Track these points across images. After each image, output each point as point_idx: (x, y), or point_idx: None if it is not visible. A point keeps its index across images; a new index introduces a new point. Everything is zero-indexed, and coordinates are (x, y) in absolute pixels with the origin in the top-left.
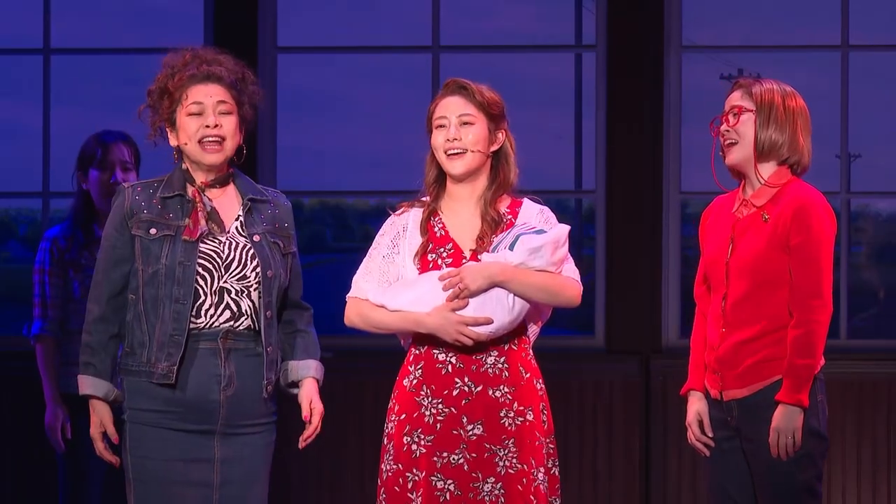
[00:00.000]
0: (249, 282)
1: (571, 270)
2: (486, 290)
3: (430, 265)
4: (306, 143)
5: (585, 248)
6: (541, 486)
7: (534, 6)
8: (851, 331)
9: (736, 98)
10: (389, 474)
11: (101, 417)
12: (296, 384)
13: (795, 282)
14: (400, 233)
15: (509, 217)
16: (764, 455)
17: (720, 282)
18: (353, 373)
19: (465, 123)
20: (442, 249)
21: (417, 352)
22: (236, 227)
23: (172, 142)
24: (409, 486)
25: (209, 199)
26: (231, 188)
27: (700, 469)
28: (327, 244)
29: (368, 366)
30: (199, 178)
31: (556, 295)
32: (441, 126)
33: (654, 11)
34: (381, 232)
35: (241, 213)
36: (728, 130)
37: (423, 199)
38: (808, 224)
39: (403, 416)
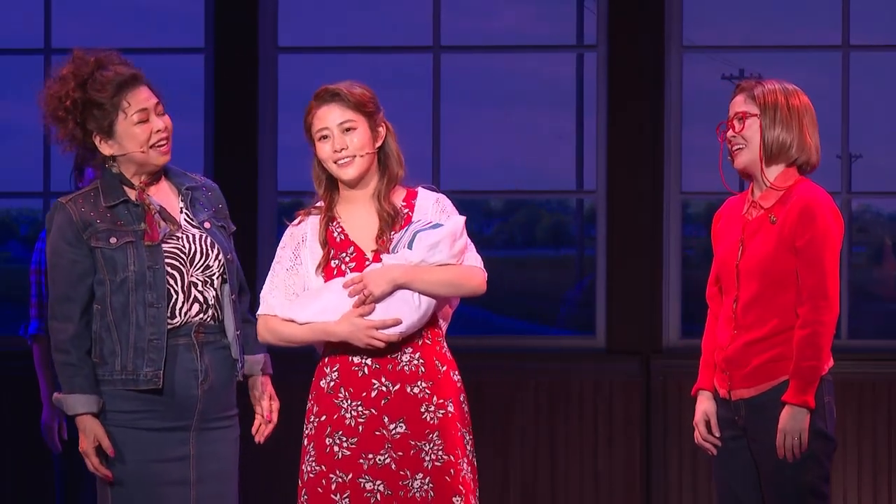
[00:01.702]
0: (212, 271)
1: (473, 258)
2: (390, 293)
3: (335, 272)
4: (307, 143)
5: (587, 248)
6: (466, 476)
7: (535, 6)
8: (852, 331)
9: (739, 103)
10: (311, 475)
11: (94, 433)
12: (245, 377)
13: (801, 282)
14: (300, 243)
15: (406, 211)
16: (770, 455)
17: (731, 284)
18: None
19: (348, 130)
20: (344, 254)
21: (332, 354)
22: (184, 219)
23: (107, 151)
24: (333, 487)
25: (154, 199)
26: (163, 182)
27: (701, 469)
28: None
29: None
30: (137, 179)
31: (460, 286)
32: (324, 137)
33: (655, 11)
34: (281, 244)
35: (182, 204)
36: (734, 136)
37: (319, 204)
38: (813, 224)
39: (324, 417)
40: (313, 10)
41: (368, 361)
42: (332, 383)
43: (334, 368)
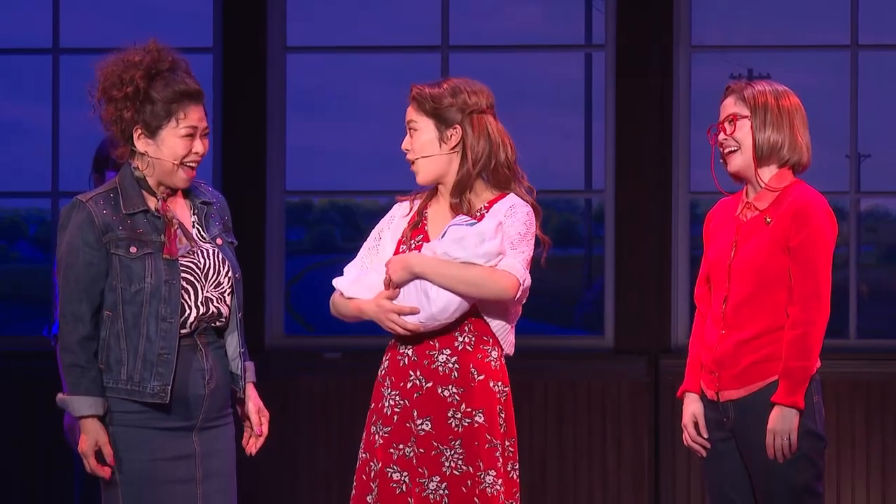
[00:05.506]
0: (224, 287)
1: (509, 265)
2: (409, 281)
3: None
4: (315, 143)
5: (595, 247)
6: (487, 490)
7: (543, 6)
8: (860, 331)
9: (730, 105)
10: (359, 463)
11: (96, 437)
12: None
13: (793, 283)
14: (387, 224)
15: (483, 212)
16: (760, 457)
17: (722, 284)
18: (360, 373)
19: (412, 130)
20: (412, 241)
21: (389, 343)
22: (196, 234)
23: (140, 147)
24: (373, 475)
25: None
26: (178, 195)
27: None
28: (337, 244)
29: (376, 366)
30: (159, 187)
31: (479, 286)
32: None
33: (664, 11)
34: (377, 225)
35: (195, 218)
36: (726, 139)
37: (423, 191)
38: (807, 226)
39: (372, 405)
40: (321, 10)
41: (409, 353)
42: (382, 372)
43: (387, 357)
